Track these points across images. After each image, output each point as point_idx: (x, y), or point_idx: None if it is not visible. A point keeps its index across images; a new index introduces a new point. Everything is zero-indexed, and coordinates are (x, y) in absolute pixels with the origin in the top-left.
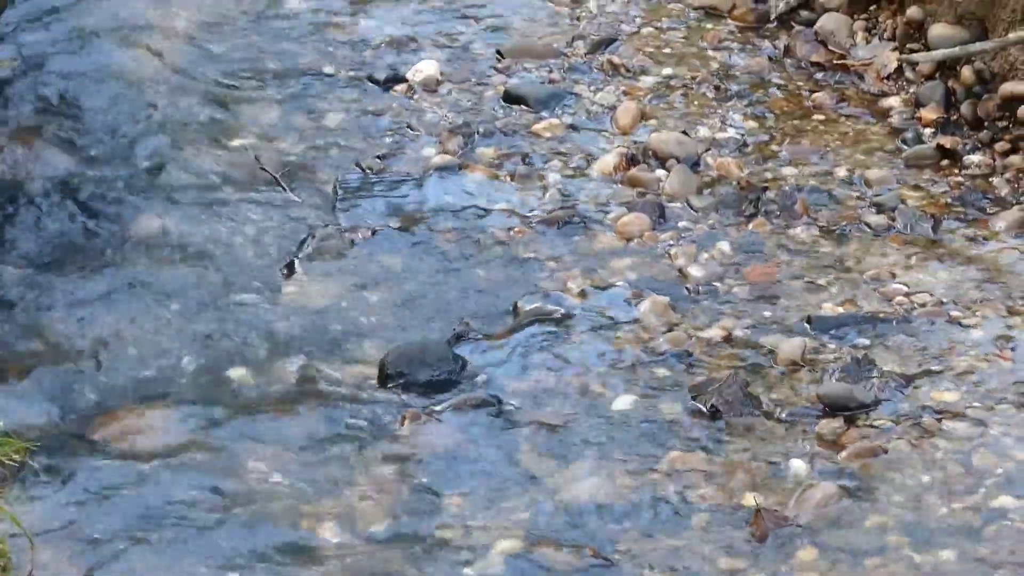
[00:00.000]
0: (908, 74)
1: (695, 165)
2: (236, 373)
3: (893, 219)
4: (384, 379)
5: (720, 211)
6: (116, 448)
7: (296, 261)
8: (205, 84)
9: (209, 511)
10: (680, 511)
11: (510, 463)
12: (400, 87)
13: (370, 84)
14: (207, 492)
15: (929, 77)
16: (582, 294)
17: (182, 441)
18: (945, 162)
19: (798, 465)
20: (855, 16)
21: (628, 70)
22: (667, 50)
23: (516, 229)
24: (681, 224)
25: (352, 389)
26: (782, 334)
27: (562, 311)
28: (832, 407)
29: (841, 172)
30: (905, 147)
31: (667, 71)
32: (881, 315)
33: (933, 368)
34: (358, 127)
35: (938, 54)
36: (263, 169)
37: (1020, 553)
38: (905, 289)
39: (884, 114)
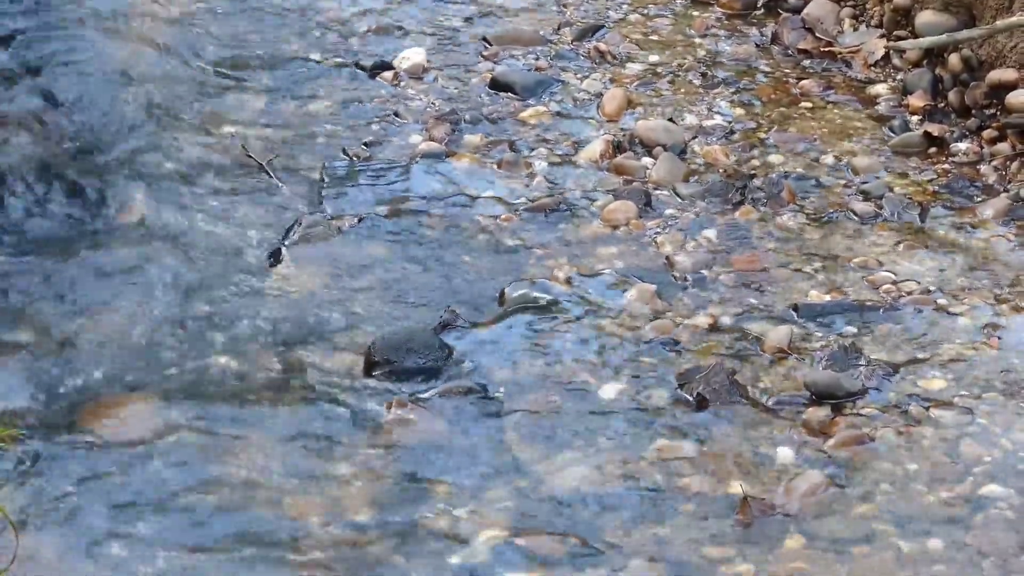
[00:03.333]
0: (895, 61)
1: (682, 153)
2: (221, 361)
3: (880, 207)
4: (370, 367)
5: (707, 199)
6: (102, 435)
7: (282, 248)
8: (191, 71)
9: (194, 499)
10: (666, 499)
11: (496, 451)
12: (387, 74)
13: (357, 71)
14: (192, 480)
15: (916, 64)
16: (568, 282)
17: (167, 429)
18: (932, 150)
19: (785, 453)
20: (842, 3)
21: (615, 57)
22: (654, 37)
23: (502, 216)
24: (668, 212)
25: (338, 377)
26: (769, 322)
27: (548, 299)
28: (819, 395)
29: (828, 160)
30: (892, 135)
31: (654, 58)
32: (868, 303)
33: (920, 356)
34: (344, 114)
35: (925, 41)
36: (249, 156)
37: (1007, 541)
38: (892, 277)
39: (871, 101)
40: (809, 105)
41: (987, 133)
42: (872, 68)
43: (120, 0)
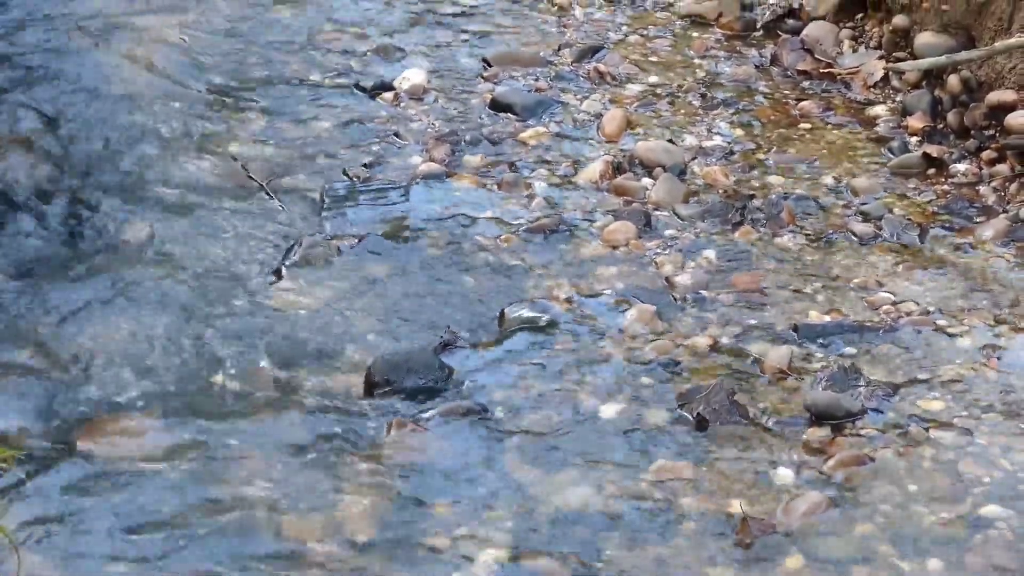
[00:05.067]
0: (895, 83)
1: (681, 173)
2: (222, 381)
3: (879, 228)
4: (370, 387)
5: (706, 219)
6: (102, 455)
7: (283, 269)
8: (193, 93)
9: (195, 519)
10: (666, 519)
11: (496, 471)
12: (387, 95)
13: (357, 92)
14: (193, 500)
15: (915, 86)
16: (569, 302)
17: (168, 449)
18: (931, 171)
19: (785, 473)
20: (841, 25)
21: (614, 78)
22: (653, 58)
23: (502, 237)
24: (667, 232)
25: (338, 397)
26: (769, 342)
27: (548, 319)
28: (819, 416)
29: (827, 180)
30: (892, 156)
31: (653, 79)
32: (868, 324)
33: (920, 377)
34: (345, 135)
35: (925, 63)
36: (250, 177)
37: (1007, 562)
38: (892, 298)
39: (870, 123)
40: (808, 126)
41: (986, 154)
42: (871, 89)
43: (121, 21)
